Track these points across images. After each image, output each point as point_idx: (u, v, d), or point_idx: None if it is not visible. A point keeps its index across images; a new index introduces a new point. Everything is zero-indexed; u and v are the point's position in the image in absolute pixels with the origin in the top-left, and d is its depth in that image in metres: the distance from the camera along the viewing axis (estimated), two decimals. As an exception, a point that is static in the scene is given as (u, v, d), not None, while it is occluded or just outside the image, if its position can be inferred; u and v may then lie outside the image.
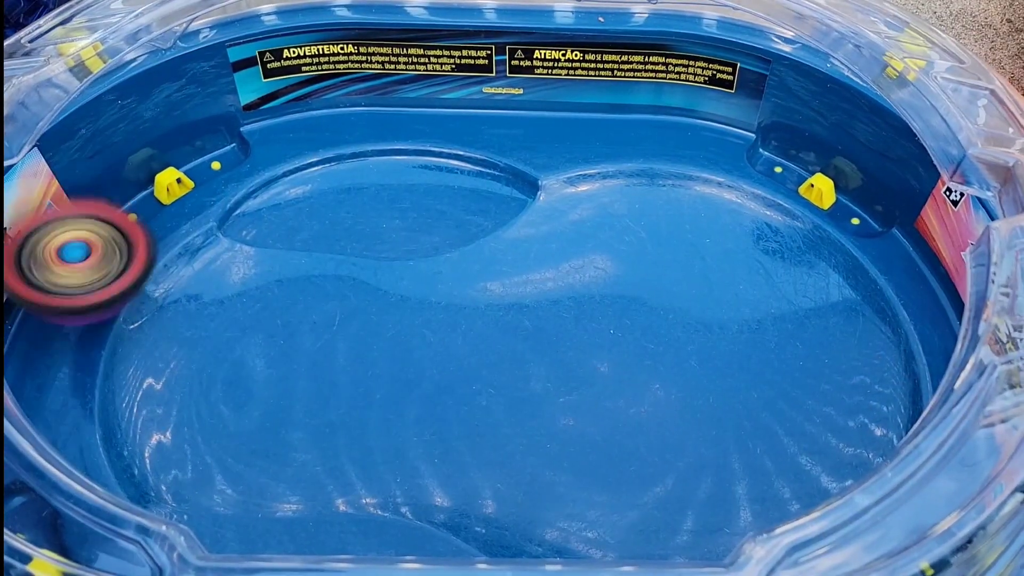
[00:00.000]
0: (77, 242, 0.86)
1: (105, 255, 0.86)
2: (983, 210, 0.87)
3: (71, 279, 0.85)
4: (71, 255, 0.84)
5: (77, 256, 0.84)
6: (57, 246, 0.85)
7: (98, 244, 0.86)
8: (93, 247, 0.86)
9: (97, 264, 0.86)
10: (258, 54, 1.13)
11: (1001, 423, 0.63)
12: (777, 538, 0.58)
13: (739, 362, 0.93)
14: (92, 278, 0.86)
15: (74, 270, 0.85)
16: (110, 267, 0.86)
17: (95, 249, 0.86)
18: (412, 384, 0.91)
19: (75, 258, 0.84)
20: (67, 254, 0.84)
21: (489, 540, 0.80)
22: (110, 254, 0.87)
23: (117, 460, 0.84)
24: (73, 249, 0.84)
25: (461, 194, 1.12)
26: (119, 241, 0.88)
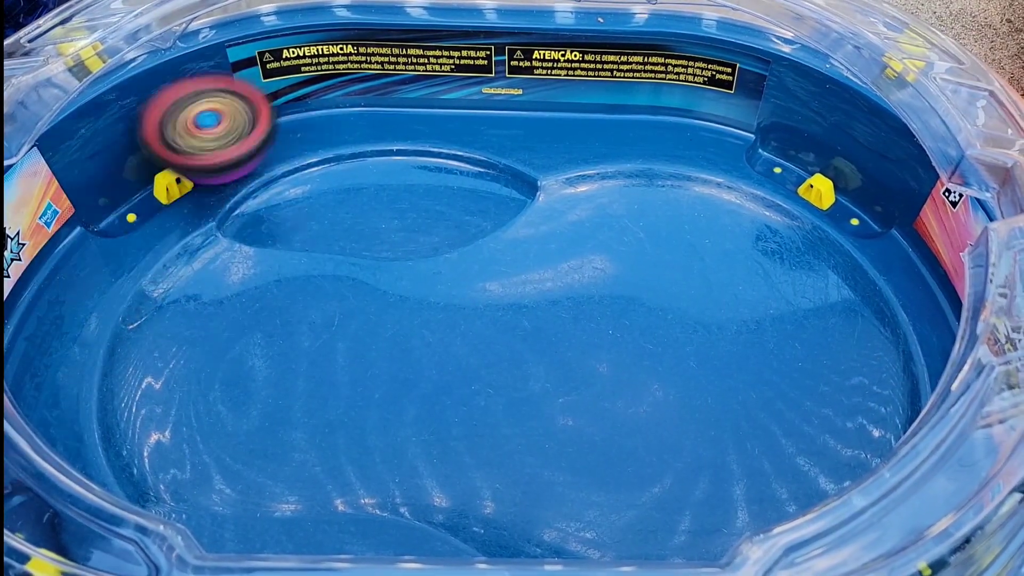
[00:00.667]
0: (209, 112, 1.02)
1: (234, 121, 1.02)
2: (982, 211, 0.87)
3: (206, 143, 1.01)
4: (205, 122, 1.01)
5: (210, 123, 1.01)
6: (193, 116, 1.02)
7: (227, 112, 1.02)
8: (223, 115, 1.02)
9: (227, 129, 1.02)
10: (257, 54, 1.13)
11: (999, 423, 0.63)
12: (774, 538, 0.58)
13: (738, 363, 0.93)
14: (224, 140, 1.01)
15: (208, 135, 1.01)
16: (239, 130, 1.02)
17: (224, 117, 1.02)
18: (411, 384, 0.92)
19: (208, 124, 1.01)
20: (201, 121, 1.01)
21: (487, 540, 0.81)
22: (239, 120, 1.02)
23: (116, 459, 0.84)
24: (206, 117, 1.01)
25: (460, 194, 1.12)
26: (244, 109, 1.03)
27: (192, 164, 1.01)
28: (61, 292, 0.98)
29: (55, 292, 0.98)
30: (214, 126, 1.01)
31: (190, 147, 1.00)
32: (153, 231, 1.04)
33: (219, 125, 1.01)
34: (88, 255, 1.01)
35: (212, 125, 1.01)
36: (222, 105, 1.03)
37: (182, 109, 1.02)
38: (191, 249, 1.02)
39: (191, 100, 1.03)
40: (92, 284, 0.99)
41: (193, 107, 1.03)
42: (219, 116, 1.02)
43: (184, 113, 1.02)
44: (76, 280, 0.99)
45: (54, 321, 0.95)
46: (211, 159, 1.00)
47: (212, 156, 1.00)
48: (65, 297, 0.97)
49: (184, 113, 1.02)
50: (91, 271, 1.00)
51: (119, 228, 1.06)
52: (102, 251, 1.02)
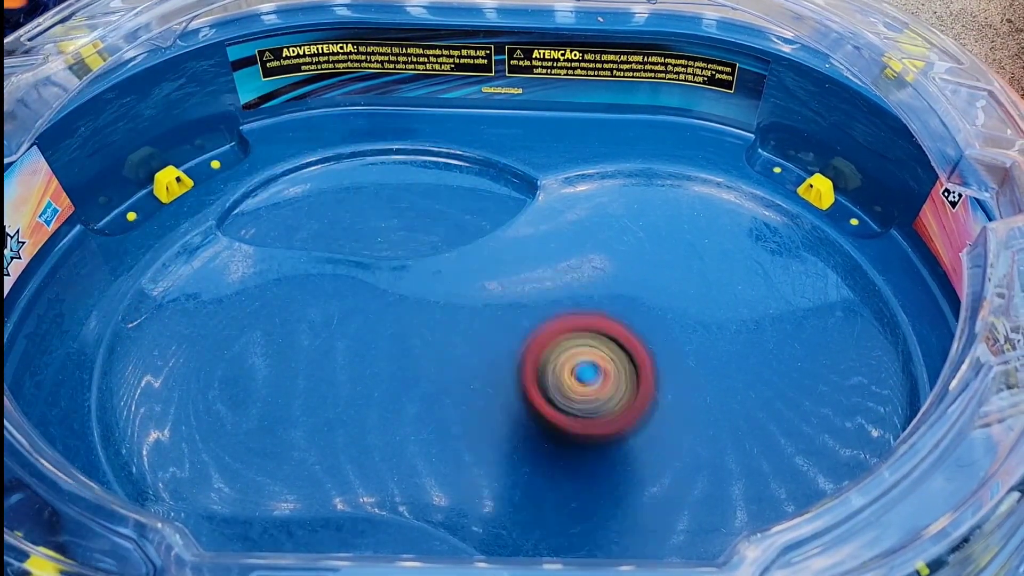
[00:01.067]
0: (591, 363, 0.83)
1: (616, 382, 0.83)
2: (981, 211, 0.87)
3: (583, 401, 0.82)
4: (585, 376, 0.83)
5: (589, 377, 0.83)
6: (573, 365, 0.84)
7: (610, 370, 0.83)
8: (605, 372, 0.83)
9: (607, 389, 0.83)
10: (257, 53, 1.13)
11: (997, 423, 0.63)
12: (771, 538, 0.58)
13: (737, 362, 0.93)
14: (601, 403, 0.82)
15: (587, 392, 0.82)
16: (617, 394, 0.83)
17: (607, 374, 0.83)
18: (410, 383, 0.92)
19: (588, 379, 0.82)
20: (581, 374, 0.83)
21: (486, 539, 0.81)
22: (619, 381, 0.83)
23: (115, 458, 0.84)
24: (587, 370, 0.83)
25: (460, 194, 1.12)
26: (627, 368, 0.84)
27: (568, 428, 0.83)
28: (61, 290, 0.98)
29: (55, 290, 0.98)
30: (594, 381, 0.83)
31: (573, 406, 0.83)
32: (153, 230, 1.04)
33: (601, 382, 0.83)
34: (88, 253, 1.01)
35: (592, 380, 0.83)
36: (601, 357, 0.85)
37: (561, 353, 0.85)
38: (191, 248, 1.02)
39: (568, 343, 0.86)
40: (92, 282, 0.99)
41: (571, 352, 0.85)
42: (599, 371, 0.83)
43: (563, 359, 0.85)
44: (76, 278, 0.99)
45: (54, 319, 0.95)
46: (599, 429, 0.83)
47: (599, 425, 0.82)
48: (65, 295, 0.97)
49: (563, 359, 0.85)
50: (91, 269, 1.00)
51: (119, 226, 1.06)
52: (102, 249, 1.02)
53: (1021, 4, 2.09)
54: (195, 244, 1.03)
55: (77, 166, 1.01)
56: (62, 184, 0.99)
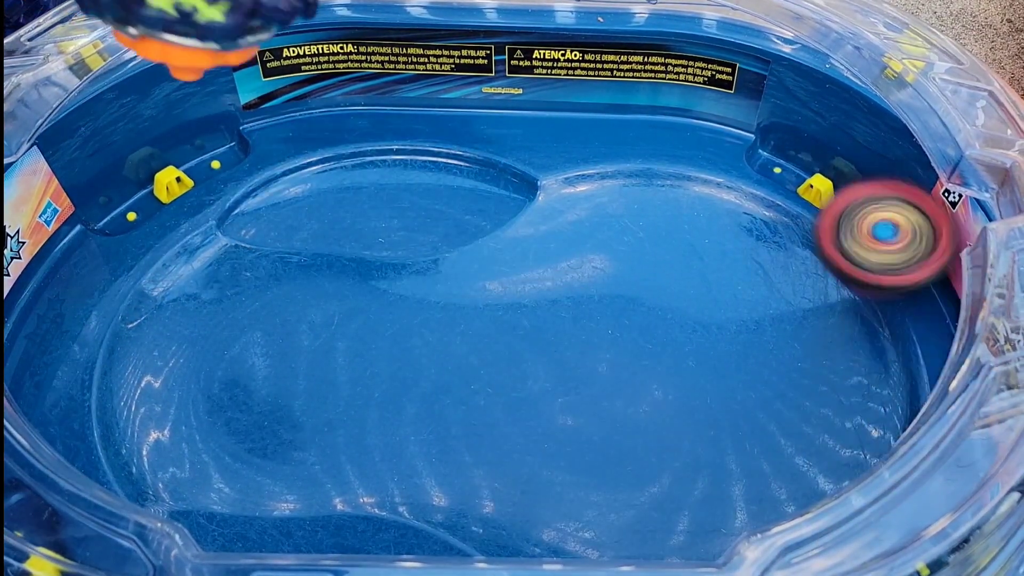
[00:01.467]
0: (888, 223, 0.90)
1: (912, 240, 0.90)
2: (981, 211, 0.87)
3: (880, 258, 0.90)
4: (882, 234, 0.89)
5: (887, 236, 0.89)
6: (871, 224, 0.91)
7: (907, 228, 0.90)
8: (902, 230, 0.90)
9: (903, 248, 0.90)
10: (257, 53, 1.13)
11: (998, 423, 0.63)
12: (771, 538, 0.58)
13: (737, 362, 0.93)
14: (898, 260, 0.90)
15: (884, 249, 0.90)
16: (915, 252, 0.90)
17: (904, 233, 0.90)
18: (410, 383, 0.92)
19: (886, 237, 0.89)
20: (879, 233, 0.90)
21: (487, 539, 0.81)
22: (916, 240, 0.90)
23: (115, 458, 0.84)
24: (884, 229, 0.90)
25: (460, 194, 1.12)
26: (925, 227, 0.91)
27: (882, 283, 0.91)
28: (61, 290, 0.98)
29: (55, 290, 0.98)
30: (893, 240, 0.90)
31: (871, 262, 0.90)
32: (153, 230, 1.04)
33: (898, 240, 0.90)
34: (88, 253, 1.01)
35: (891, 238, 0.90)
36: (900, 216, 0.91)
37: (857, 216, 0.92)
38: (191, 248, 1.02)
39: (866, 207, 0.93)
40: (92, 282, 0.99)
41: (869, 215, 0.92)
42: (896, 228, 0.90)
43: (860, 221, 0.92)
44: (76, 278, 0.99)
45: (54, 319, 0.95)
46: (902, 279, 0.89)
47: (901, 277, 0.89)
48: (65, 295, 0.97)
49: (860, 221, 0.92)
50: (91, 269, 1.00)
51: (119, 226, 1.06)
52: (102, 249, 1.02)
53: (1021, 4, 2.09)
54: (195, 244, 1.03)
55: (77, 166, 1.01)
56: (62, 184, 0.99)
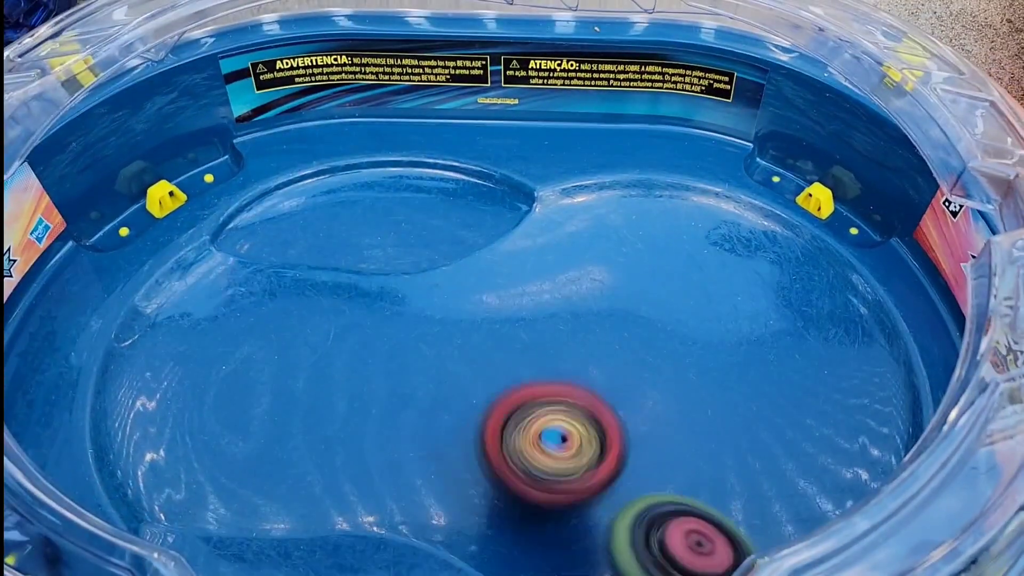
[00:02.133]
0: (556, 429, 0.83)
1: (580, 449, 0.82)
2: (982, 221, 0.87)
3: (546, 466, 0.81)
4: (550, 441, 0.82)
5: (554, 443, 0.82)
6: (538, 431, 0.83)
7: (575, 437, 0.83)
8: (570, 439, 0.83)
9: (572, 457, 0.82)
10: (251, 65, 1.12)
11: (1004, 441, 0.63)
12: (779, 561, 0.57)
13: (738, 375, 0.92)
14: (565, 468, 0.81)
15: (551, 458, 0.82)
16: (582, 463, 0.82)
17: (571, 442, 0.83)
18: (408, 399, 0.91)
19: (553, 445, 0.82)
20: (546, 440, 0.83)
21: (486, 558, 0.80)
22: (585, 449, 0.83)
23: (109, 479, 0.83)
24: (552, 436, 0.83)
25: (456, 206, 1.11)
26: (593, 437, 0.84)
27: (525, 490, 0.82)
28: (53, 308, 0.97)
29: (47, 308, 0.97)
30: (561, 447, 0.82)
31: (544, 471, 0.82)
32: (146, 245, 1.03)
33: (567, 447, 0.82)
34: (80, 270, 1.00)
35: (558, 445, 0.82)
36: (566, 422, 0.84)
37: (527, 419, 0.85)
38: (185, 264, 1.01)
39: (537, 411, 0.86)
40: (84, 300, 0.97)
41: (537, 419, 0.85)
42: (565, 435, 0.83)
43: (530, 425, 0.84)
44: (68, 295, 0.98)
45: (46, 337, 0.94)
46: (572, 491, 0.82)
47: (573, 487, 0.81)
48: (57, 313, 0.96)
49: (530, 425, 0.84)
50: (83, 286, 0.99)
51: (111, 242, 1.05)
52: (94, 266, 1.01)
53: (1021, 4, 2.09)
54: (189, 260, 1.02)
55: (68, 182, 1.00)
56: (53, 200, 0.98)
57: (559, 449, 0.82)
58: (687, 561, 0.73)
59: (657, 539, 0.76)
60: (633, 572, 0.74)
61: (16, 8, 1.61)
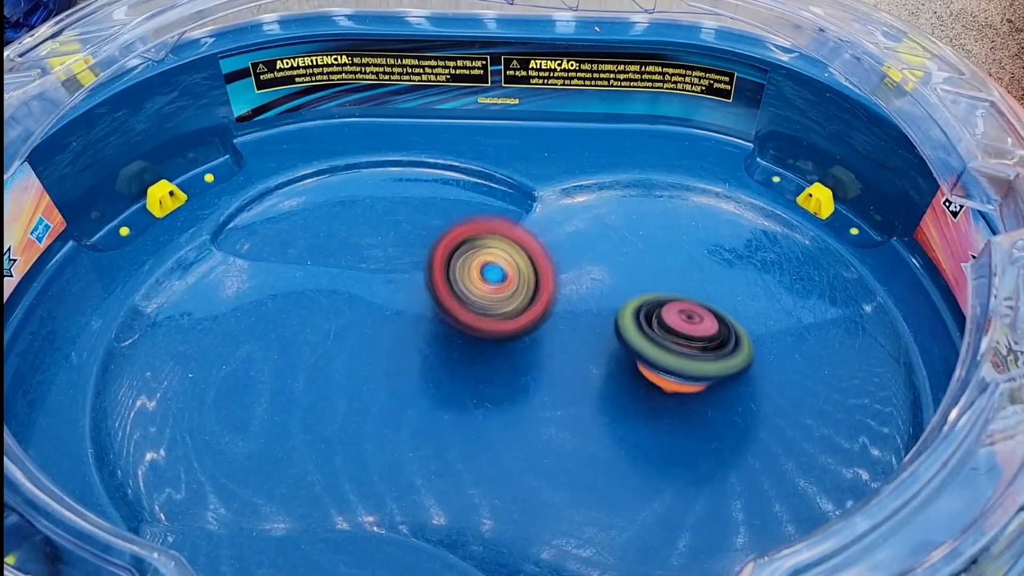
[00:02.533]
0: (497, 266, 0.90)
1: (517, 288, 0.90)
2: (983, 221, 0.87)
3: (485, 299, 0.89)
4: (491, 276, 0.90)
5: (495, 278, 0.90)
6: (480, 264, 0.90)
7: (513, 275, 0.90)
8: (509, 276, 0.90)
9: (508, 294, 0.90)
10: (251, 65, 1.12)
11: (1004, 441, 0.63)
12: (778, 561, 0.57)
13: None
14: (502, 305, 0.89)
15: (490, 292, 0.89)
16: (518, 300, 0.90)
17: (510, 279, 0.90)
18: (408, 399, 0.91)
19: (494, 280, 0.90)
20: (488, 274, 0.90)
21: (486, 558, 0.80)
22: (521, 287, 0.90)
23: (110, 479, 0.83)
24: (492, 271, 0.90)
25: (456, 206, 1.11)
26: (530, 275, 0.91)
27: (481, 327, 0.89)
28: (53, 307, 0.97)
29: (47, 308, 0.97)
30: (500, 283, 0.89)
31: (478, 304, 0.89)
32: (146, 245, 1.03)
33: (505, 283, 0.90)
34: (80, 270, 1.00)
35: (498, 281, 0.89)
36: (506, 259, 0.91)
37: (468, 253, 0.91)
38: (185, 263, 1.01)
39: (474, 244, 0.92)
40: (85, 299, 0.97)
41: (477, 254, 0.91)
42: (504, 272, 0.90)
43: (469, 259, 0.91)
44: (68, 295, 0.98)
45: (46, 337, 0.94)
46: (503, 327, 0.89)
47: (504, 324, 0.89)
48: (57, 312, 0.96)
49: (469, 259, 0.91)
50: (83, 286, 0.99)
51: (112, 242, 1.05)
52: (95, 266, 1.01)
53: (1021, 4, 2.09)
54: (189, 259, 1.02)
55: (69, 181, 1.00)
56: (54, 200, 0.98)
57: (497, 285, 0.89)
58: (681, 328, 0.86)
59: (656, 318, 0.89)
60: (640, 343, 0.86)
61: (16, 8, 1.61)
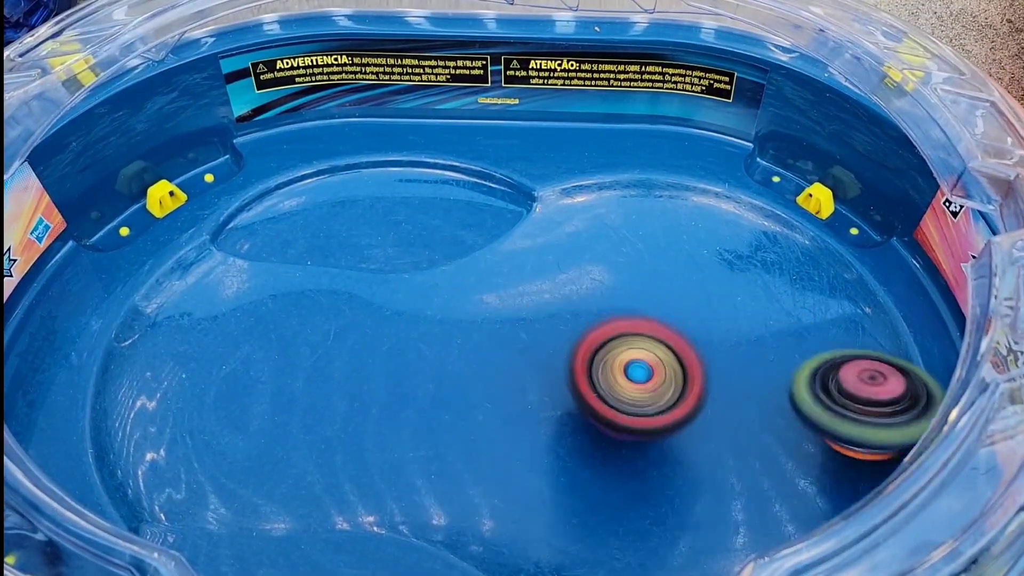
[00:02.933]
0: (642, 363, 0.85)
1: (663, 383, 0.84)
2: (983, 221, 0.87)
3: (630, 396, 0.83)
4: (635, 374, 0.84)
5: (639, 376, 0.84)
6: (625, 361, 0.85)
7: (660, 371, 0.85)
8: (656, 372, 0.85)
9: (655, 389, 0.84)
10: (251, 65, 1.12)
11: (1005, 441, 0.63)
12: (779, 561, 0.57)
13: (738, 376, 0.92)
14: (647, 401, 0.83)
15: (634, 389, 0.84)
16: (664, 396, 0.84)
17: (656, 374, 0.84)
18: (408, 399, 0.91)
19: (638, 378, 0.84)
20: (631, 372, 0.84)
21: (487, 558, 0.80)
22: (668, 383, 0.84)
23: (110, 479, 0.83)
24: (637, 369, 0.84)
25: (456, 206, 1.11)
26: (678, 372, 0.85)
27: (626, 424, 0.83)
28: (53, 307, 0.97)
29: (47, 308, 0.97)
30: (645, 381, 0.84)
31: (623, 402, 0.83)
32: (146, 245, 1.03)
33: (651, 380, 0.84)
34: (80, 270, 1.00)
35: (643, 380, 0.84)
36: (651, 356, 0.86)
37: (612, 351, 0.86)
38: (185, 263, 1.01)
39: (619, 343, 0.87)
40: (85, 299, 0.97)
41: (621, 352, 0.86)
42: (650, 369, 0.84)
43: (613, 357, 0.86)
44: (68, 295, 0.98)
45: (46, 337, 0.94)
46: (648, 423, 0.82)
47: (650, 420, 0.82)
48: (57, 312, 0.96)
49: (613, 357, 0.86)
50: (83, 286, 0.99)
51: (112, 242, 1.05)
52: (94, 266, 1.01)
53: (1021, 4, 2.09)
54: (189, 259, 1.02)
55: (69, 181, 1.00)
56: (54, 200, 0.98)
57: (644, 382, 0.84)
58: (864, 392, 0.79)
59: (834, 383, 0.81)
60: (819, 415, 0.79)
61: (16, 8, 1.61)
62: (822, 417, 0.79)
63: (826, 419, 0.79)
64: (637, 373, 0.84)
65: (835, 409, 0.79)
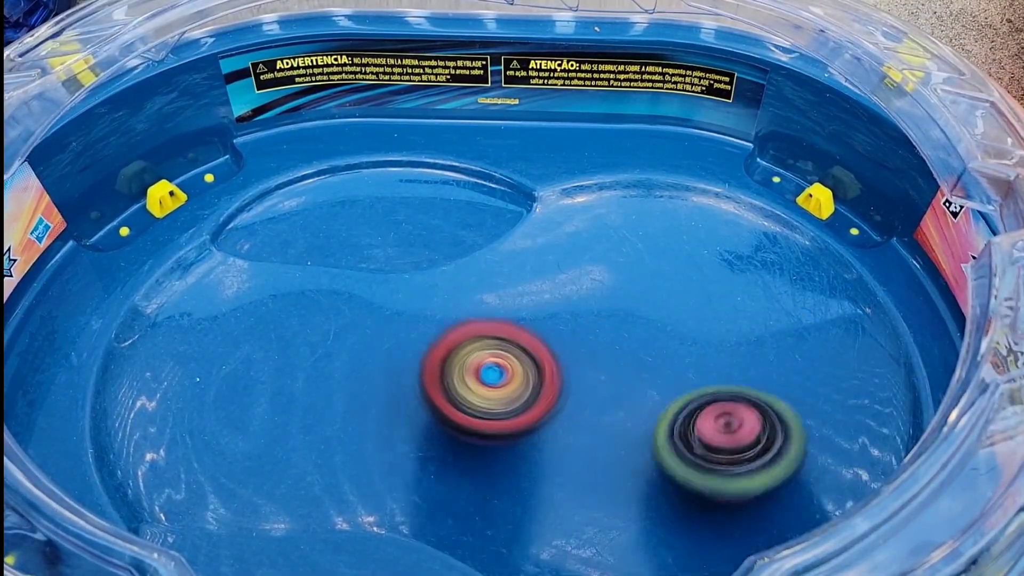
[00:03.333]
0: (497, 366, 0.85)
1: (518, 388, 0.84)
2: (983, 221, 0.87)
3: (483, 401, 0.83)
4: (488, 377, 0.84)
5: (493, 380, 0.84)
6: (478, 365, 0.85)
7: (516, 375, 0.85)
8: (511, 376, 0.84)
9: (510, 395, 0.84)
10: (251, 65, 1.12)
11: (1004, 442, 0.63)
12: (778, 561, 0.57)
13: (738, 375, 0.92)
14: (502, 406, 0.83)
15: (489, 393, 0.84)
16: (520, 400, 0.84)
17: (512, 379, 0.84)
18: (408, 399, 0.90)
19: (492, 381, 0.84)
20: (485, 376, 0.84)
21: (486, 558, 0.80)
22: (523, 387, 0.84)
23: (109, 479, 0.83)
24: (491, 371, 0.84)
25: (456, 206, 1.11)
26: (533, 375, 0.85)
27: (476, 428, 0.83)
28: (53, 307, 0.97)
29: (47, 308, 0.97)
30: (499, 384, 0.84)
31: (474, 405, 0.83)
32: (146, 245, 1.03)
33: (505, 385, 0.84)
34: (80, 270, 1.00)
35: (497, 383, 0.84)
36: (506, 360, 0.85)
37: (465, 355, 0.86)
38: (185, 263, 1.01)
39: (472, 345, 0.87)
40: (84, 299, 0.97)
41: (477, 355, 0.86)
42: (504, 373, 0.84)
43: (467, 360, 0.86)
44: (68, 295, 0.98)
45: (46, 337, 0.94)
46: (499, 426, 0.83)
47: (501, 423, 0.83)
48: (57, 312, 0.96)
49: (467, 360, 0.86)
50: (83, 286, 0.99)
51: (112, 242, 1.05)
52: (94, 266, 1.01)
53: (1021, 4, 2.09)
54: (189, 259, 1.02)
55: (69, 181, 1.00)
56: (53, 200, 0.98)
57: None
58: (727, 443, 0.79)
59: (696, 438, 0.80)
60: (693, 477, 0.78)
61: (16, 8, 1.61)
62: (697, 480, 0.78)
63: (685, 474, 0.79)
64: (490, 376, 0.84)
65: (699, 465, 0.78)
